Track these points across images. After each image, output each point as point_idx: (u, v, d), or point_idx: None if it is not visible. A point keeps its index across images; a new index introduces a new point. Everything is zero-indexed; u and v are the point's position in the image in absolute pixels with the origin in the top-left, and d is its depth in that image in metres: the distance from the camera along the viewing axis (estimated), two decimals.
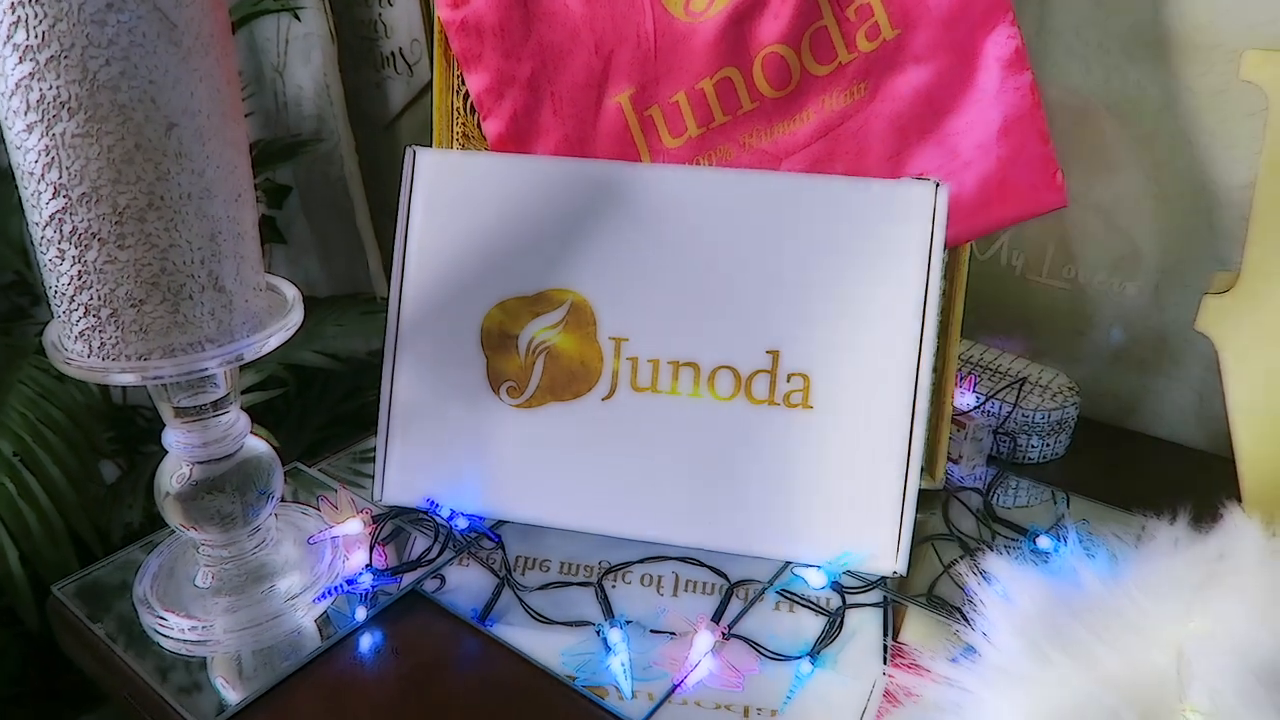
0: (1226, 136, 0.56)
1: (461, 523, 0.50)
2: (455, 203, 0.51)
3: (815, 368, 0.47)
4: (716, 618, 0.46)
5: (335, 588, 0.47)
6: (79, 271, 0.36)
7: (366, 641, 0.45)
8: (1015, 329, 0.68)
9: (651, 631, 0.45)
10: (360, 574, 0.47)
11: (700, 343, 0.48)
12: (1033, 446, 0.59)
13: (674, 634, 0.45)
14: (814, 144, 0.52)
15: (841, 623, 0.46)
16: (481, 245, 0.50)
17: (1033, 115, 0.49)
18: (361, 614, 0.46)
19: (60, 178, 0.35)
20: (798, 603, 0.47)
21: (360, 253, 1.03)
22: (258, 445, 0.46)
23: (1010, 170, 0.50)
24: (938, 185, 0.46)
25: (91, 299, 0.37)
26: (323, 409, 0.93)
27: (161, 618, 0.45)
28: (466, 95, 0.55)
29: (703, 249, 0.48)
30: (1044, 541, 0.49)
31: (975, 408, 0.58)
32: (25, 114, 0.34)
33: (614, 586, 0.48)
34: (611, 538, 0.50)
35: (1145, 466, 0.61)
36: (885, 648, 0.44)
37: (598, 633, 0.45)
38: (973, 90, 0.50)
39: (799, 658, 0.43)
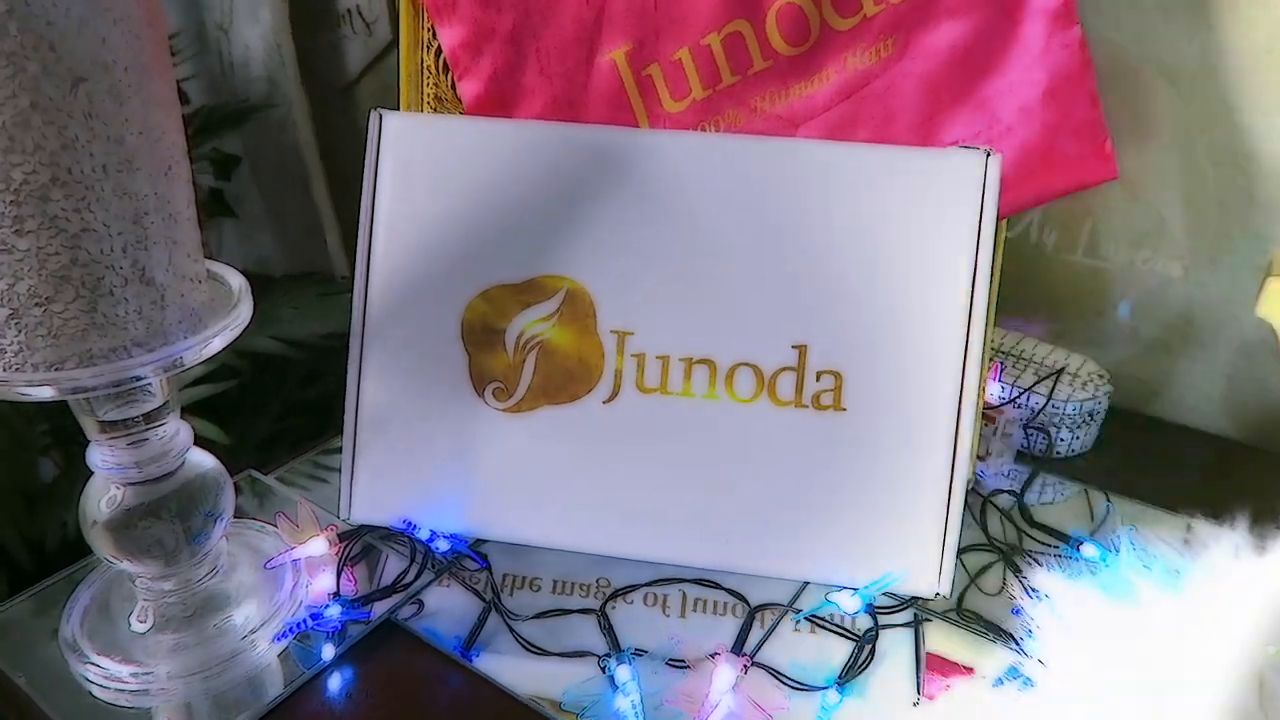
0: (1271, 101, 0.52)
1: (442, 544, 0.44)
2: (428, 175, 0.44)
3: (848, 364, 0.42)
4: (737, 647, 0.41)
5: (298, 623, 0.41)
6: None
7: (335, 683, 0.40)
8: (1037, 311, 0.63)
9: (665, 663, 0.40)
10: (327, 606, 0.41)
11: (716, 336, 0.43)
12: (1061, 440, 0.55)
13: (688, 665, 0.40)
14: (835, 108, 0.46)
15: (874, 649, 0.41)
16: (460, 224, 0.44)
17: (1081, 76, 0.44)
18: (329, 651, 0.40)
19: None
20: (821, 625, 0.42)
21: (317, 227, 0.96)
22: (203, 460, 0.40)
23: (1056, 137, 0.44)
24: (988, 155, 0.41)
25: None
26: (279, 398, 0.87)
27: (94, 663, 0.39)
28: (438, 52, 0.48)
29: (717, 228, 0.42)
30: (1089, 549, 0.45)
31: (1008, 401, 0.53)
32: None
33: (614, 608, 0.43)
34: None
35: (1177, 458, 0.57)
36: (919, 672, 0.40)
37: (602, 668, 0.39)
38: (1014, 47, 0.44)
39: (825, 688, 0.39)
